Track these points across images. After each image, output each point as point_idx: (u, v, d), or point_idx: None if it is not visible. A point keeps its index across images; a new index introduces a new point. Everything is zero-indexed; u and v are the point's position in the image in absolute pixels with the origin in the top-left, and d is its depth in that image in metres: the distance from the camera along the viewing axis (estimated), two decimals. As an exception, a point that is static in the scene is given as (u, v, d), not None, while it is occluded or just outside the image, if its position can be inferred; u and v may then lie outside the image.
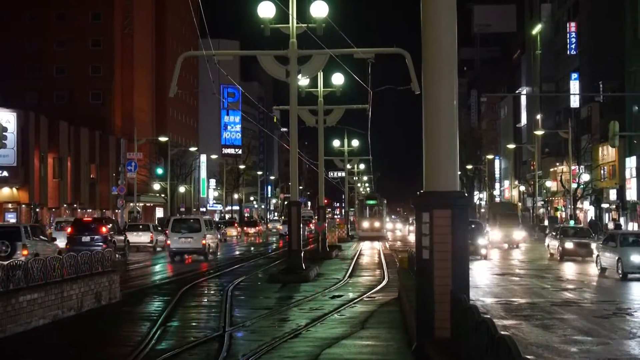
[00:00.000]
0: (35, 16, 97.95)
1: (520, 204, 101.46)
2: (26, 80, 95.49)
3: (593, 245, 40.10)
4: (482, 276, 33.12)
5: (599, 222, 72.96)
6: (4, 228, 35.60)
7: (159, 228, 59.30)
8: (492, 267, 39.11)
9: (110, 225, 46.18)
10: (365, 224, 79.58)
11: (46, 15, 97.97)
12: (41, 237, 34.99)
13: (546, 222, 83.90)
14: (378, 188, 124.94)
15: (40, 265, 19.27)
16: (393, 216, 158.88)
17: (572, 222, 66.83)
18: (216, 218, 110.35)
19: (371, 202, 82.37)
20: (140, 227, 57.13)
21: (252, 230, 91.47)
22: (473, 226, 41.92)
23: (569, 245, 43.30)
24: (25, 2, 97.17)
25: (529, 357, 6.61)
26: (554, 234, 46.40)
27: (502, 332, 7.73)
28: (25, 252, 31.88)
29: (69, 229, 44.21)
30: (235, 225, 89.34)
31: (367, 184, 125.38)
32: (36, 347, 16.65)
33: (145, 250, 53.33)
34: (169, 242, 44.98)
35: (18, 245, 32.40)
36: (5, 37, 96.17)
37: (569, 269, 38.10)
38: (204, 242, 43.99)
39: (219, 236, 53.20)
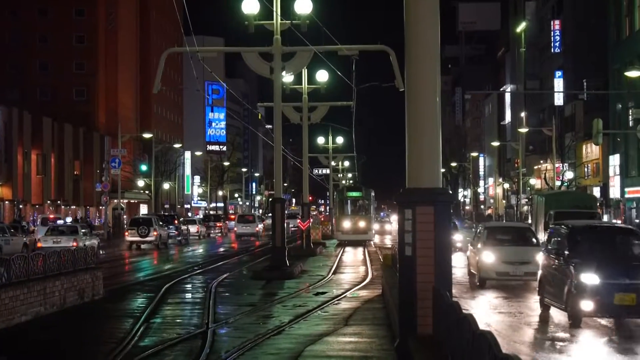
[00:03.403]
0: (18, 12, 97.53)
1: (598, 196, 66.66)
2: (9, 77, 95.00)
3: None
4: None
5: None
6: (143, 218, 57.07)
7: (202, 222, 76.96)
8: None
9: (177, 218, 65.44)
10: (346, 224, 59.20)
11: (29, 10, 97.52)
12: (161, 224, 54.57)
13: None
14: (363, 181, 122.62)
15: (23, 262, 19.19)
16: (382, 214, 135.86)
17: None
18: (200, 214, 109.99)
19: (354, 194, 62.74)
20: (191, 221, 74.16)
21: None
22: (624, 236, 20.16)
23: None
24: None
25: (508, 353, 6.64)
26: None
27: (483, 329, 7.75)
28: (155, 233, 51.26)
29: None
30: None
31: (351, 181, 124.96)
32: (18, 344, 16.59)
33: (193, 238, 67.03)
34: (236, 229, 72.15)
35: (151, 229, 51.11)
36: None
37: None
38: (257, 229, 70.32)
39: (262, 225, 76.26)
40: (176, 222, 62.07)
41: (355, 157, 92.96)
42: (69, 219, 68.44)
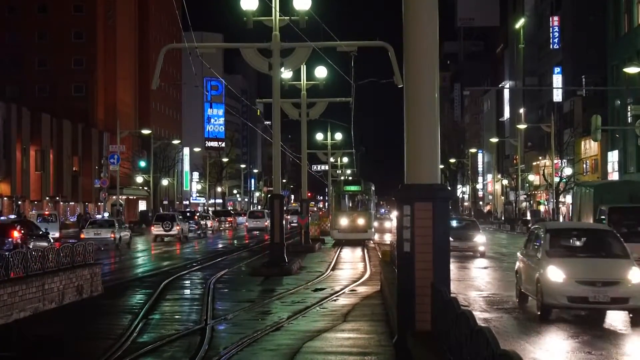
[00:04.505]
0: (16, 8, 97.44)
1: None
2: (8, 73, 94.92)
3: None
4: None
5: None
6: (167, 214, 63.74)
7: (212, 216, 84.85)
8: None
9: (196, 215, 75.69)
10: (344, 221, 53.24)
11: (28, 7, 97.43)
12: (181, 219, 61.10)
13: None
14: (362, 176, 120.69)
15: (21, 258, 19.18)
16: (382, 210, 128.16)
17: None
18: (199, 211, 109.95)
19: (353, 188, 56.37)
20: (205, 216, 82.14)
21: None
22: None
23: None
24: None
25: (507, 349, 6.64)
26: None
27: (481, 325, 7.75)
28: (178, 228, 57.43)
29: None
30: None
31: (350, 178, 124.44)
32: (17, 340, 16.58)
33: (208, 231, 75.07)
34: (247, 223, 77.68)
35: (174, 224, 57.46)
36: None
37: None
38: (266, 224, 69.06)
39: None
40: (196, 217, 72.25)
41: (354, 152, 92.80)
42: (106, 214, 76.53)
